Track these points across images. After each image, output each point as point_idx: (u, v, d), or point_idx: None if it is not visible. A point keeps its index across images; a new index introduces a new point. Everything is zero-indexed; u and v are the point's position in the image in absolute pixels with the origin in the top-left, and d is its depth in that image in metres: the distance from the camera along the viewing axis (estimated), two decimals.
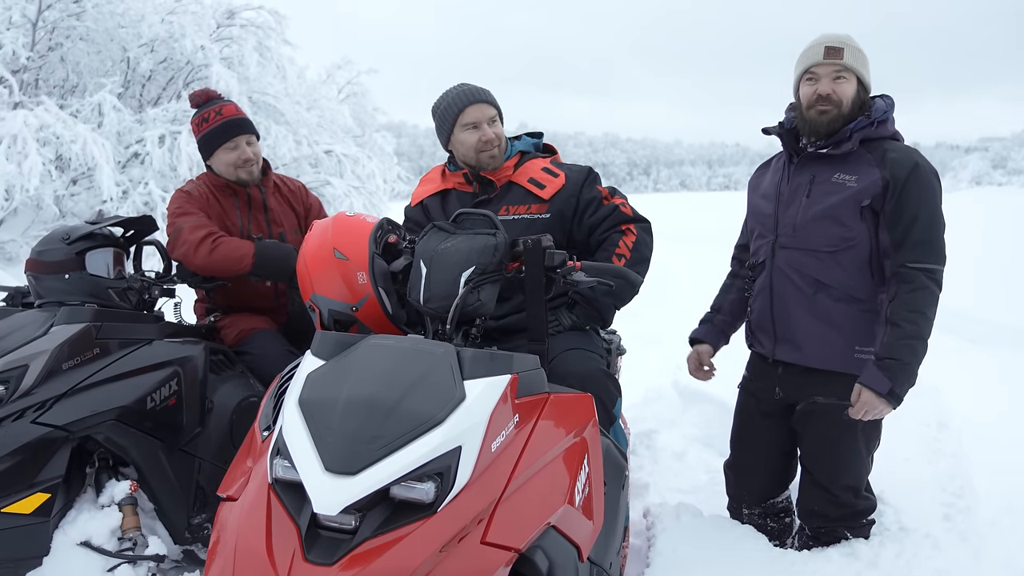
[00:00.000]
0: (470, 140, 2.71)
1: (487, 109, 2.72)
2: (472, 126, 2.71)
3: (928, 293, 2.51)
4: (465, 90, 2.74)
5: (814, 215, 2.67)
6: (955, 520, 3.16)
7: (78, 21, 13.29)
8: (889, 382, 2.48)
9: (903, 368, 2.49)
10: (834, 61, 2.60)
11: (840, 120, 2.62)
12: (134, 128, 13.07)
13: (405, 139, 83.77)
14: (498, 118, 2.77)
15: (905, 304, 2.50)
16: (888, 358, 2.49)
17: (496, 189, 2.75)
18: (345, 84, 21.37)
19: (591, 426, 2.09)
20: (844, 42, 2.61)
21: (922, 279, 2.50)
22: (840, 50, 2.60)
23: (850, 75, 2.61)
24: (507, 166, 2.78)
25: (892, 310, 2.52)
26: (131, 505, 2.62)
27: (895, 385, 2.48)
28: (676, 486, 3.86)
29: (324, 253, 2.33)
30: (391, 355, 1.83)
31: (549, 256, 2.17)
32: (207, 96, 3.42)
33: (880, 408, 2.51)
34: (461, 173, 2.80)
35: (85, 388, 2.65)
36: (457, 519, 1.62)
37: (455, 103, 2.73)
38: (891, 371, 2.48)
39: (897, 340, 2.50)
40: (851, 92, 2.61)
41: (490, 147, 2.71)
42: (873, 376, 2.51)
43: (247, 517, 1.70)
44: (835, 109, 2.61)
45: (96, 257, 3.03)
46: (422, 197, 2.92)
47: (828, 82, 2.61)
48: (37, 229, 11.76)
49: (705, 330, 3.15)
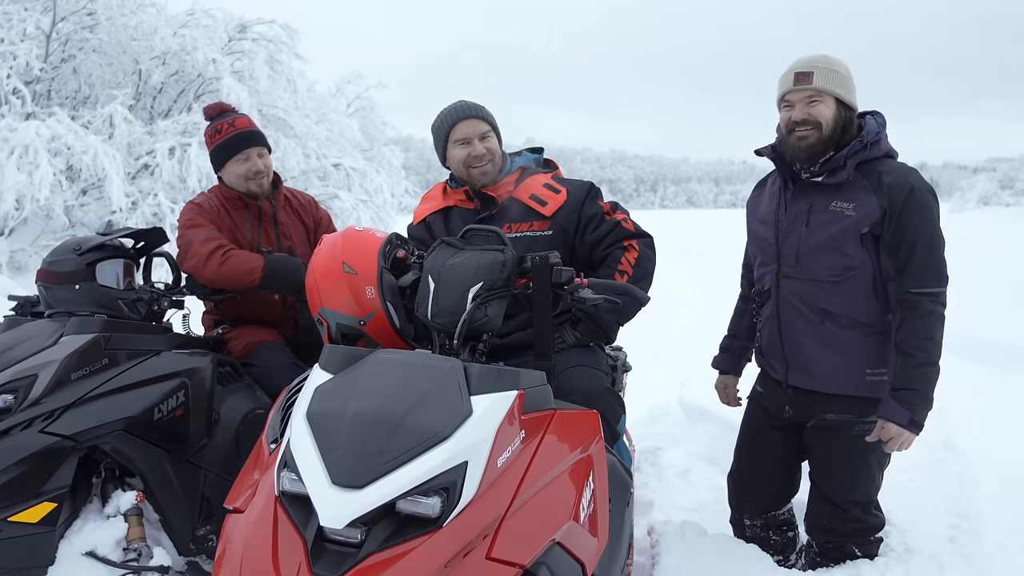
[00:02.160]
0: (460, 155, 2.73)
1: (478, 125, 2.72)
2: (463, 142, 2.72)
3: (934, 318, 2.54)
4: (458, 106, 2.76)
5: (815, 245, 2.67)
6: (961, 542, 3.15)
7: (91, 33, 13.44)
8: (908, 412, 2.53)
9: (920, 396, 2.53)
10: (804, 87, 2.61)
11: (821, 144, 2.62)
12: (144, 140, 13.17)
13: (413, 153, 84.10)
14: (492, 134, 2.77)
15: (914, 332, 2.54)
16: (904, 388, 2.54)
17: (497, 206, 2.75)
18: (354, 98, 21.52)
19: (597, 443, 2.08)
20: (815, 65, 2.61)
21: (927, 304, 2.53)
22: (809, 75, 2.60)
23: (825, 97, 2.60)
24: (508, 182, 2.78)
25: (902, 338, 2.56)
26: (137, 516, 2.63)
27: (914, 414, 2.53)
28: (680, 504, 3.85)
29: (333, 267, 2.34)
30: (398, 370, 1.84)
31: (556, 273, 2.18)
32: (220, 109, 3.46)
33: (905, 438, 2.56)
34: (462, 190, 2.80)
35: (93, 398, 2.67)
36: (462, 534, 1.62)
37: (447, 119, 2.75)
38: (908, 401, 2.53)
39: (911, 370, 2.54)
40: (828, 113, 2.61)
41: (480, 163, 2.72)
42: (892, 409, 2.55)
43: (253, 529, 1.71)
44: (815, 132, 2.61)
45: (106, 268, 3.05)
46: (424, 215, 2.92)
47: (802, 107, 2.62)
48: (47, 239, 11.85)
49: (726, 360, 3.22)
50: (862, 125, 2.66)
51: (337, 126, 18.70)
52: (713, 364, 3.27)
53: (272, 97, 15.59)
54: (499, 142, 2.82)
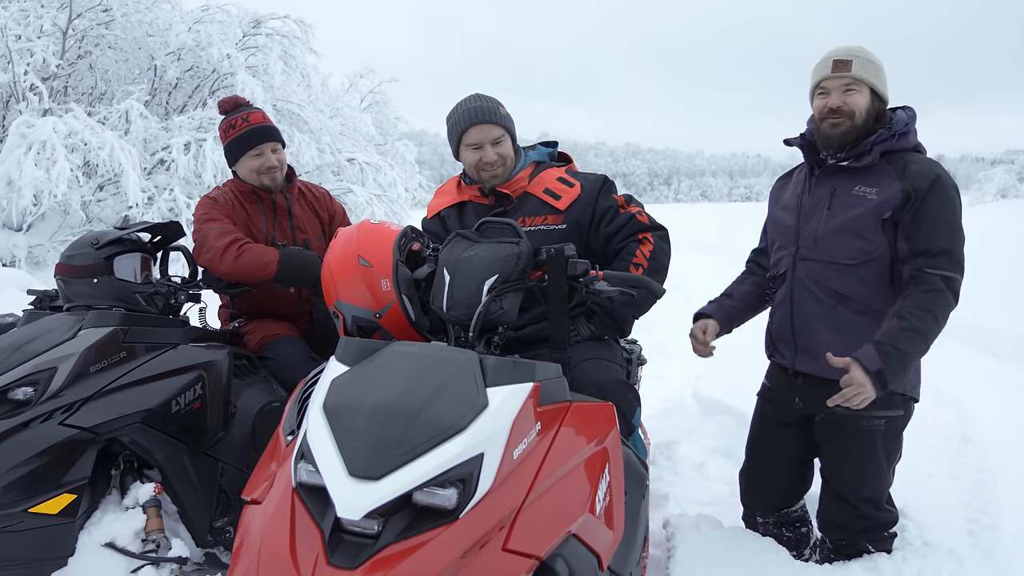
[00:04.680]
0: (472, 159, 2.73)
1: (491, 130, 2.70)
2: (475, 146, 2.71)
3: (941, 296, 2.45)
4: (472, 109, 2.72)
5: (835, 228, 2.65)
6: (979, 536, 3.13)
7: (107, 30, 13.50)
8: (881, 363, 2.39)
9: (899, 356, 2.40)
10: (842, 74, 2.60)
11: (853, 132, 2.61)
12: (160, 135, 13.22)
13: (427, 147, 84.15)
14: (506, 137, 2.74)
15: (916, 302, 2.45)
16: (887, 344, 2.42)
17: (512, 202, 2.75)
18: (368, 93, 21.53)
19: (612, 435, 2.09)
20: (853, 54, 2.61)
21: (938, 282, 2.46)
22: (848, 63, 2.59)
23: (861, 86, 2.60)
24: (521, 177, 2.78)
25: (901, 306, 2.47)
26: (155, 507, 2.66)
27: (885, 368, 2.39)
28: (696, 497, 3.84)
29: (349, 260, 2.34)
30: (415, 362, 1.85)
31: (572, 265, 2.19)
32: (235, 103, 3.47)
33: (866, 389, 2.40)
34: (476, 186, 2.80)
35: (112, 391, 2.70)
36: (479, 526, 1.62)
37: (460, 122, 2.73)
38: (886, 355, 2.40)
39: (900, 330, 2.43)
40: (863, 103, 2.60)
41: (490, 168, 2.72)
42: (867, 353, 2.41)
43: (271, 521, 1.71)
44: (847, 121, 2.60)
45: (124, 262, 3.08)
46: (438, 209, 2.92)
47: (838, 95, 2.61)
48: (64, 234, 11.93)
49: (713, 307, 3.03)
50: (892, 118, 2.65)
51: (351, 121, 18.72)
52: (697, 311, 3.06)
53: (286, 92, 15.61)
54: (513, 142, 2.80)
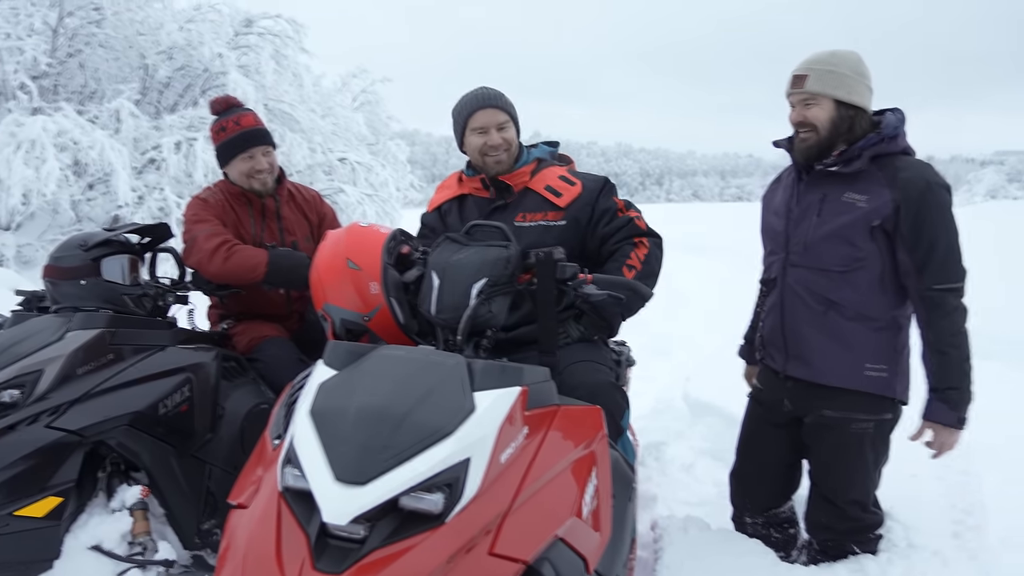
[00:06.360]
0: (477, 143, 2.75)
1: (497, 114, 2.74)
2: (480, 130, 2.74)
3: (959, 313, 2.56)
4: (478, 94, 2.78)
5: (824, 234, 2.67)
6: (964, 538, 3.14)
7: (98, 28, 13.45)
8: (955, 412, 2.56)
9: (963, 394, 2.56)
10: (798, 90, 2.63)
11: (818, 145, 2.64)
12: (151, 134, 13.19)
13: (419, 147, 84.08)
14: (510, 123, 2.78)
15: (944, 330, 2.56)
16: (948, 388, 2.56)
17: (513, 195, 2.77)
18: (360, 92, 21.49)
19: (600, 438, 2.09)
20: (811, 67, 2.61)
21: (951, 300, 2.54)
22: (803, 78, 2.61)
23: (819, 99, 2.60)
24: (524, 172, 2.79)
25: (935, 337, 2.58)
26: (142, 510, 2.64)
27: (960, 412, 2.56)
28: (684, 499, 3.85)
29: (337, 263, 2.34)
30: (402, 366, 1.85)
31: (560, 268, 2.19)
32: (227, 104, 3.45)
33: (954, 438, 2.59)
34: (478, 179, 2.81)
35: (99, 393, 2.69)
36: (465, 530, 1.63)
37: (467, 107, 2.77)
38: (953, 401, 2.56)
39: (950, 368, 2.56)
40: (823, 115, 2.61)
41: (495, 152, 2.74)
42: (938, 410, 2.58)
43: (257, 525, 1.71)
44: (813, 134, 2.63)
45: (112, 263, 3.07)
46: (439, 203, 2.94)
47: (799, 109, 2.65)
48: (53, 233, 11.89)
49: (747, 350, 3.21)
50: (879, 122, 2.65)
51: (343, 120, 18.68)
52: (739, 353, 3.26)
53: (278, 91, 15.58)
54: (517, 132, 2.83)
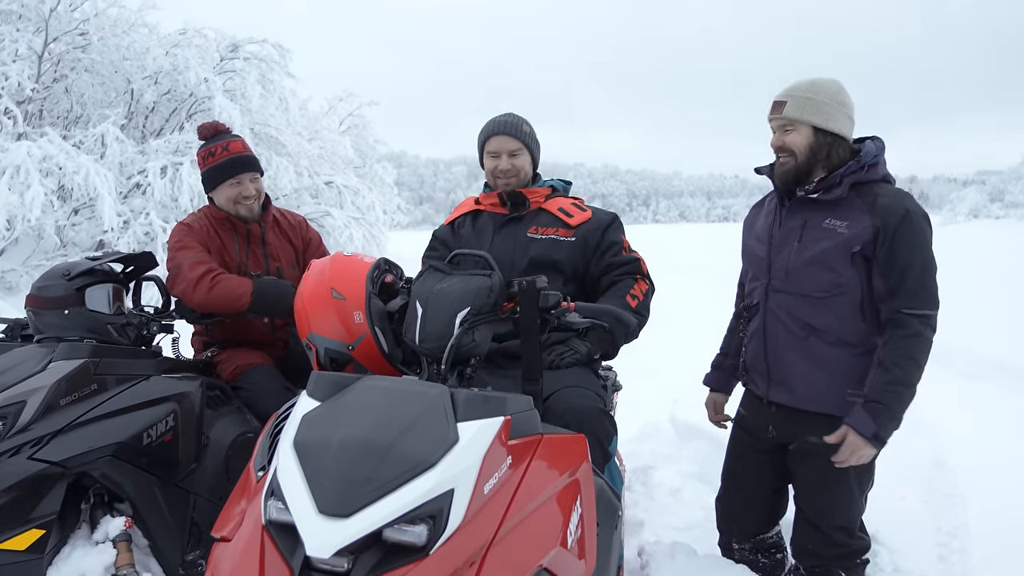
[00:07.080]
0: (489, 166, 2.99)
1: (510, 142, 2.94)
2: (493, 154, 2.96)
3: (921, 340, 2.53)
4: (497, 121, 2.99)
5: (805, 260, 2.69)
6: (949, 561, 3.16)
7: (83, 53, 13.47)
8: (875, 425, 2.50)
9: (889, 413, 2.51)
10: (776, 116, 2.68)
11: (795, 171, 2.68)
12: (136, 159, 13.17)
13: (406, 168, 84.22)
14: (524, 152, 2.97)
15: (897, 349, 2.52)
16: (875, 401, 2.52)
17: (527, 207, 2.97)
18: (347, 116, 21.58)
19: (584, 467, 2.09)
20: (791, 94, 2.66)
21: (916, 325, 2.52)
22: (782, 104, 2.66)
23: (797, 125, 2.64)
24: (540, 193, 3.00)
25: (884, 353, 2.55)
26: (125, 542, 2.62)
27: (880, 429, 2.50)
28: (671, 523, 3.85)
29: (321, 292, 2.35)
30: (385, 397, 1.85)
31: (543, 297, 2.20)
32: (215, 130, 3.47)
33: (865, 451, 2.53)
34: (495, 194, 3.01)
35: (82, 424, 2.66)
36: (449, 562, 1.62)
37: (485, 130, 3.00)
38: (877, 415, 2.51)
39: (886, 385, 2.52)
40: (800, 141, 2.64)
41: (504, 176, 2.95)
42: (859, 418, 2.53)
43: (241, 558, 1.70)
44: (791, 160, 2.68)
45: (96, 293, 3.05)
46: (453, 218, 3.14)
47: (779, 135, 2.69)
48: (38, 259, 11.83)
49: (717, 377, 3.22)
50: (859, 149, 2.69)
51: (329, 144, 18.75)
52: (704, 381, 3.28)
53: (264, 116, 15.62)
54: (534, 163, 3.04)
